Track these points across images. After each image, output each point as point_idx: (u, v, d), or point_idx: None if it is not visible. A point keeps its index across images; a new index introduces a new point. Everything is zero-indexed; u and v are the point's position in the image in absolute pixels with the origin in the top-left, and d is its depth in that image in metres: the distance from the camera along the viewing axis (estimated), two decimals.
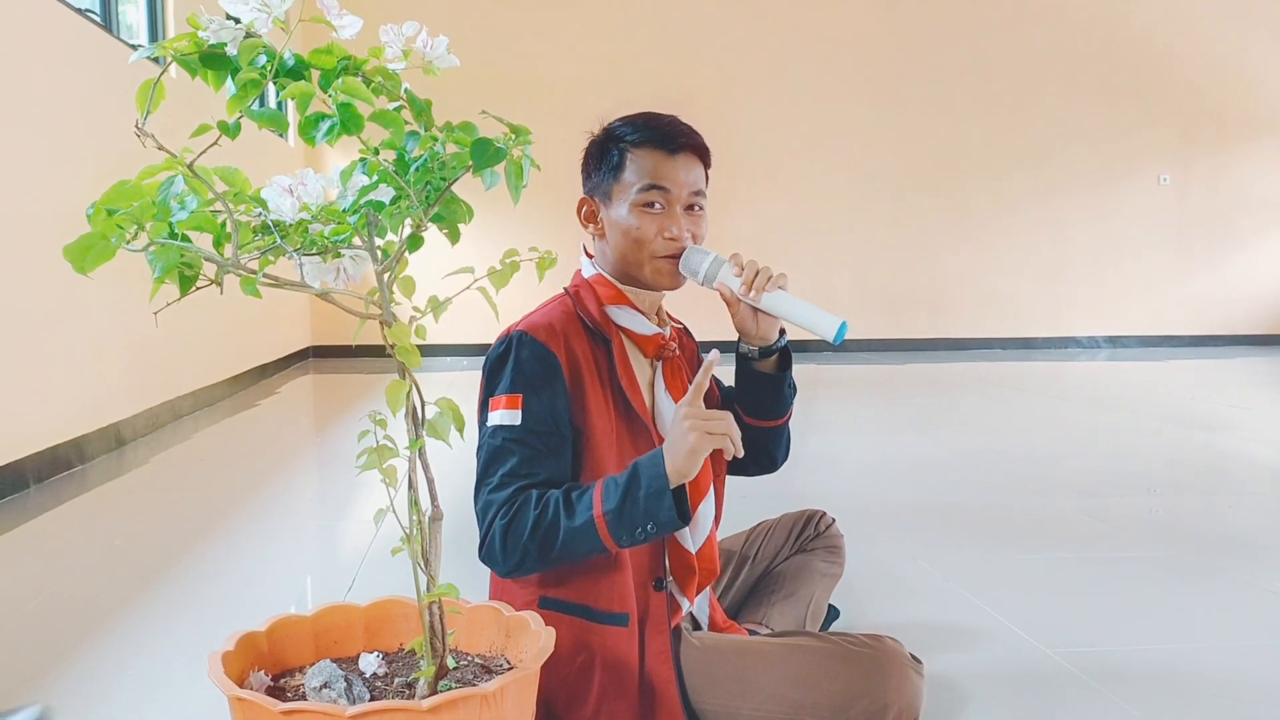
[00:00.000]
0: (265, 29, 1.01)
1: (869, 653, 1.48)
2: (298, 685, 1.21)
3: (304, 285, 1.09)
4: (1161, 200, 9.83)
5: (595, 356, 1.57)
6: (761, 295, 1.55)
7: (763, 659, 1.53)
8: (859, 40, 9.31)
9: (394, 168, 1.06)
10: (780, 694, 1.48)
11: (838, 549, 1.97)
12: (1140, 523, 3.18)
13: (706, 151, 1.63)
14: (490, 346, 1.57)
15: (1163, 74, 9.65)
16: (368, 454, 1.12)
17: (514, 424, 1.47)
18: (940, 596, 2.46)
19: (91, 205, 1.38)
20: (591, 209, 1.64)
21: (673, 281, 1.60)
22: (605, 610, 1.50)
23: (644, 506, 1.36)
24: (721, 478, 1.71)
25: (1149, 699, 1.85)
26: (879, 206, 9.47)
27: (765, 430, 1.72)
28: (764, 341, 1.64)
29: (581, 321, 1.59)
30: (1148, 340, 9.87)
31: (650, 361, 1.64)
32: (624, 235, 1.58)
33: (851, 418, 5.63)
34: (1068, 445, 4.79)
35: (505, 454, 1.46)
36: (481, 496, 1.48)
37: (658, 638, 1.53)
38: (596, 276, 1.63)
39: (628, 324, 1.61)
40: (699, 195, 1.60)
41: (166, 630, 2.25)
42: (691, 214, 1.60)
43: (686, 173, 1.58)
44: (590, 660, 1.49)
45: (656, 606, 1.55)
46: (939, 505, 3.44)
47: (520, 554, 1.42)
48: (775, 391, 1.68)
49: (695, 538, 1.58)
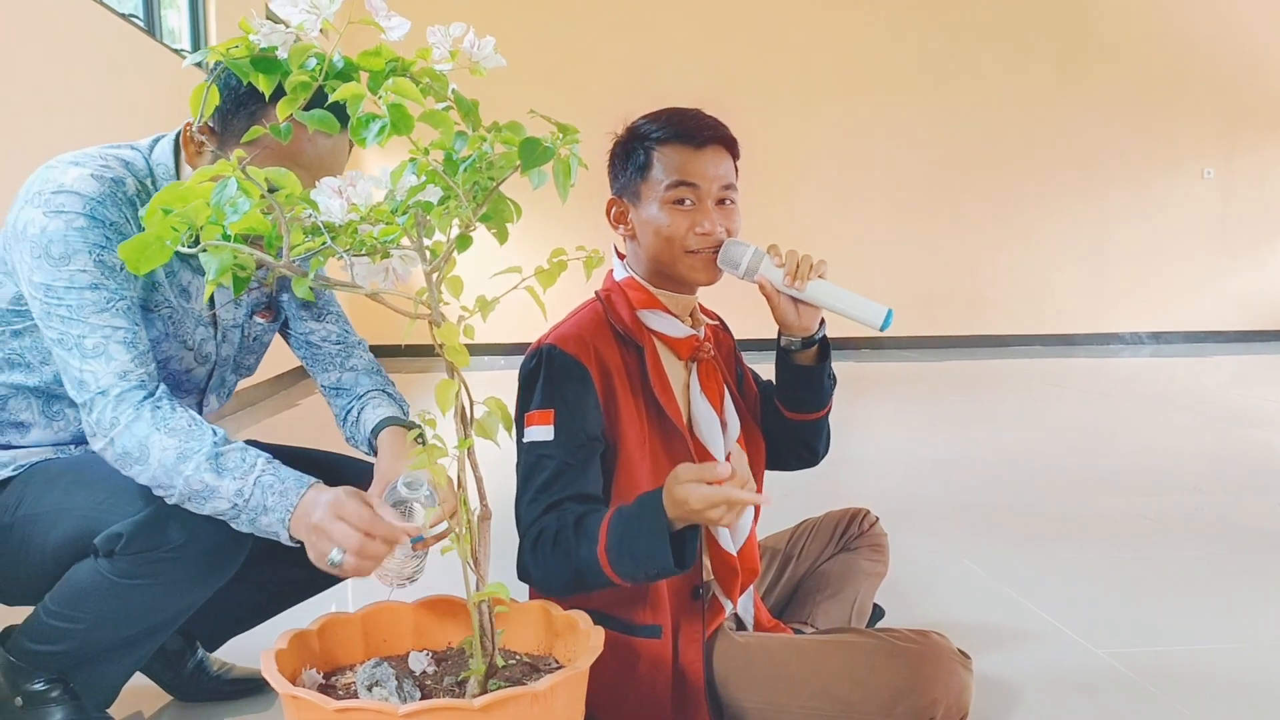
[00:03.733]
0: (314, 31, 1.02)
1: (916, 648, 1.46)
2: (349, 683, 1.22)
3: (354, 286, 1.10)
4: (1205, 194, 9.67)
5: (627, 364, 1.56)
6: (806, 285, 1.54)
7: (809, 655, 1.52)
8: (894, 33, 9.23)
9: (442, 168, 1.07)
10: (827, 690, 1.47)
11: (882, 548, 1.95)
12: (1188, 521, 3.13)
13: (734, 142, 1.61)
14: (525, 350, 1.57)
15: (1206, 66, 9.50)
16: (418, 453, 1.12)
17: (546, 439, 1.48)
18: (986, 596, 2.43)
19: (131, 209, 1.42)
20: (621, 210, 1.63)
21: (709, 276, 1.59)
22: (639, 623, 1.50)
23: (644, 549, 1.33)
24: (760, 474, 1.70)
25: (1204, 702, 1.82)
26: (916, 201, 9.40)
27: (805, 424, 1.70)
28: (805, 332, 1.61)
29: (612, 328, 1.58)
30: (1192, 336, 9.72)
31: (685, 364, 1.62)
32: (655, 234, 1.56)
33: (891, 416, 5.60)
34: (1111, 443, 4.72)
35: (539, 470, 1.48)
36: (519, 512, 1.50)
37: (690, 647, 1.53)
38: (628, 280, 1.61)
39: (660, 327, 1.60)
40: (729, 189, 1.58)
41: None
42: (723, 208, 1.58)
43: (715, 166, 1.56)
44: (622, 672, 1.49)
45: (692, 616, 1.54)
46: (982, 504, 3.40)
47: (542, 576, 1.44)
48: (816, 383, 1.66)
49: (736, 538, 1.57)
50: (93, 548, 1.38)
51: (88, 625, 1.42)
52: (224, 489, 1.31)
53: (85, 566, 1.40)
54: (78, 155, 1.44)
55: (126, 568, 1.35)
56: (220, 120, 1.40)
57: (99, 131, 4.02)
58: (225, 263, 1.03)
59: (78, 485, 1.41)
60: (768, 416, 1.74)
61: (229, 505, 1.32)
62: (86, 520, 1.38)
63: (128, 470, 1.34)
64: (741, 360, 1.80)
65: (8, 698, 1.48)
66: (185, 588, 1.40)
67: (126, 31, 4.46)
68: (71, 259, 1.36)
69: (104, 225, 1.38)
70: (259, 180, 1.01)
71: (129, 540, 1.35)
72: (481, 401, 1.14)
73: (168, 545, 1.35)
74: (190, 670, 1.80)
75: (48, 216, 1.36)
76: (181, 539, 1.35)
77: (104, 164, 1.43)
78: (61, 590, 1.43)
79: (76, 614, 1.42)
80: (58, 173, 1.40)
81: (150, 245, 1.02)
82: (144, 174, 1.47)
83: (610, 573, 1.36)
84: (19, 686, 1.47)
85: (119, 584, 1.37)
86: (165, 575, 1.37)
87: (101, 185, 1.40)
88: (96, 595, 1.39)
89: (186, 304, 1.53)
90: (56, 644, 1.45)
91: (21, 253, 1.38)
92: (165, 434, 1.32)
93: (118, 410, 1.33)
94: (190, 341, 1.56)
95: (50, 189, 1.38)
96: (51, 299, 1.36)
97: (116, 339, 1.36)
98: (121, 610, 1.40)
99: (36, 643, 1.46)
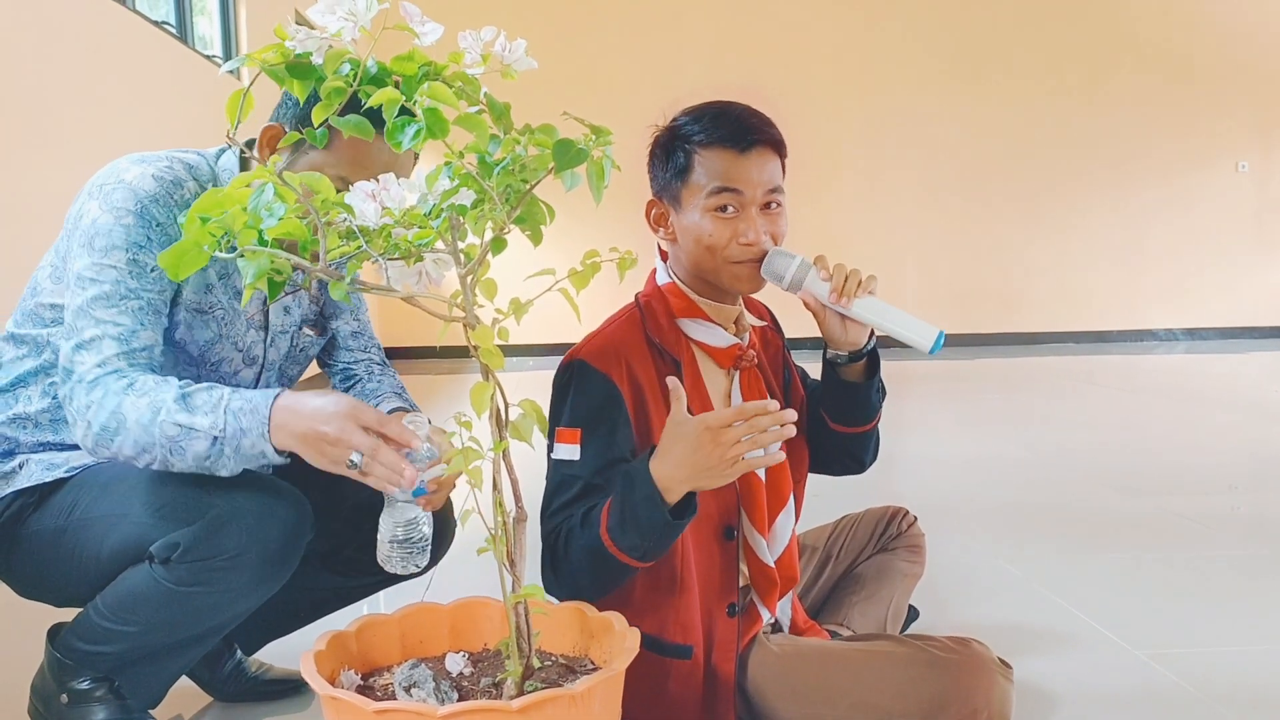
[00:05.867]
0: (351, 37, 1.02)
1: (956, 658, 1.44)
2: (386, 684, 1.23)
3: (389, 289, 1.10)
4: (1240, 188, 9.54)
5: (662, 377, 1.49)
6: (852, 303, 1.48)
7: (847, 665, 1.50)
8: (926, 29, 9.18)
9: (476, 171, 1.07)
10: (867, 702, 1.45)
11: (919, 548, 1.93)
12: (1226, 520, 3.09)
13: (782, 144, 1.53)
14: (561, 351, 1.56)
15: (1238, 58, 9.37)
16: (453, 455, 1.13)
17: (573, 459, 1.46)
18: (1023, 598, 2.41)
19: (185, 214, 1.44)
20: (661, 212, 1.57)
21: (753, 285, 1.52)
22: (671, 641, 1.48)
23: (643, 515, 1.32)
24: (802, 483, 1.67)
25: (1245, 704, 1.80)
26: (948, 198, 9.34)
27: (852, 436, 1.64)
28: (852, 347, 1.54)
29: (648, 339, 1.53)
30: (1227, 332, 9.59)
31: (726, 371, 1.58)
32: (696, 242, 1.50)
33: (924, 414, 5.56)
34: (1147, 441, 4.67)
35: (565, 487, 1.46)
36: (542, 528, 1.48)
37: (724, 665, 1.51)
38: (670, 285, 1.56)
39: (701, 337, 1.55)
40: (775, 192, 1.51)
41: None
42: (768, 213, 1.51)
43: (760, 170, 1.48)
44: (653, 698, 1.48)
45: (725, 633, 1.52)
46: (1018, 503, 3.37)
47: (567, 582, 1.42)
48: (863, 399, 1.59)
49: (774, 549, 1.56)
50: (148, 554, 1.39)
51: (139, 629, 1.43)
52: (199, 424, 1.30)
53: (140, 572, 1.41)
54: (145, 155, 1.49)
55: (183, 575, 1.36)
56: (297, 124, 1.43)
57: (132, 137, 4.07)
58: (262, 268, 1.04)
59: (134, 493, 1.42)
60: (813, 423, 1.68)
61: (209, 442, 1.31)
62: (142, 528, 1.39)
63: (112, 448, 1.33)
64: (790, 361, 1.74)
65: (54, 694, 1.49)
66: (238, 595, 1.41)
67: (159, 38, 4.51)
68: (109, 253, 1.39)
69: (149, 225, 1.41)
70: (295, 186, 1.02)
71: (186, 548, 1.35)
72: (516, 404, 1.14)
73: (224, 554, 1.35)
74: (229, 670, 1.81)
75: (102, 209, 1.41)
76: (237, 548, 1.36)
77: (168, 165, 1.47)
78: (114, 594, 1.44)
79: (129, 618, 1.43)
80: (122, 169, 1.45)
81: (188, 252, 1.04)
82: (207, 178, 1.51)
83: (616, 552, 1.34)
84: (65, 684, 1.48)
85: (174, 590, 1.38)
86: (220, 583, 1.37)
87: (159, 186, 1.43)
88: (151, 601, 1.40)
89: (238, 306, 1.56)
90: (106, 645, 1.46)
91: (73, 243, 1.43)
92: (135, 396, 1.32)
93: (90, 394, 1.34)
94: (240, 344, 1.58)
95: (111, 183, 1.43)
96: (78, 289, 1.39)
97: (112, 334, 1.37)
98: (174, 616, 1.41)
99: (86, 643, 1.48)
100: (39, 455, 1.51)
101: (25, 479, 1.48)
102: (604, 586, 1.42)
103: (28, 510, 1.48)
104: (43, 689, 1.52)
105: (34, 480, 1.48)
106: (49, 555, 1.47)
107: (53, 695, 1.50)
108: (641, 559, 1.36)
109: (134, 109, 4.15)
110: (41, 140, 3.46)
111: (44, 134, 3.49)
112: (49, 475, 1.49)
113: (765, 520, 1.55)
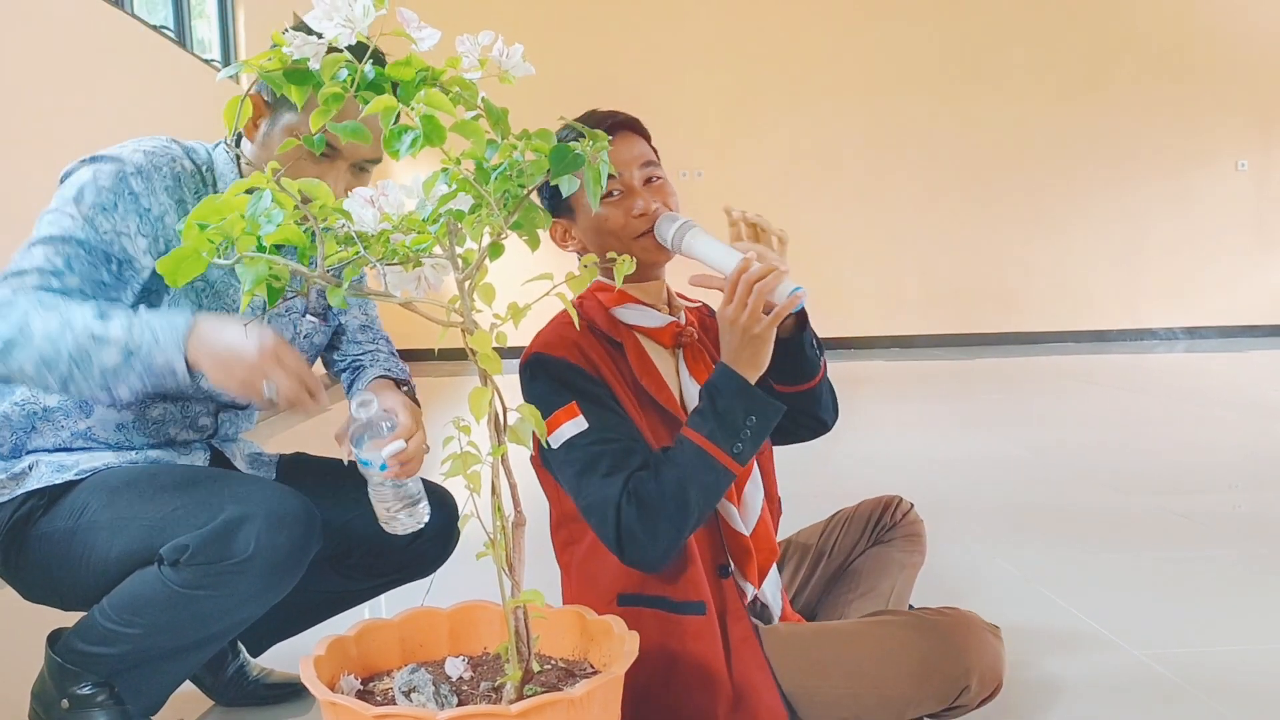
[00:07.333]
0: (348, 43, 1.02)
1: (945, 620, 1.47)
2: (386, 689, 1.23)
3: (387, 295, 1.11)
4: (1240, 186, 9.54)
5: (614, 362, 1.55)
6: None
7: (839, 637, 1.52)
8: (924, 29, 9.19)
9: (474, 176, 1.07)
10: (859, 670, 1.47)
11: (917, 536, 1.88)
12: (1225, 519, 3.09)
13: (637, 122, 1.61)
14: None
15: (1237, 56, 9.37)
16: (452, 460, 1.13)
17: (583, 429, 1.46)
18: (1022, 598, 2.41)
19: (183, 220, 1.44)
20: (564, 228, 1.63)
21: (664, 254, 1.57)
22: (682, 600, 1.49)
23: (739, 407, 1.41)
24: (768, 454, 1.68)
25: (1242, 703, 1.80)
26: (947, 198, 9.34)
27: (800, 395, 1.66)
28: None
29: (592, 330, 1.57)
30: (1227, 331, 9.59)
31: (670, 351, 1.62)
32: (599, 234, 1.57)
33: (922, 414, 5.56)
34: (1146, 440, 4.67)
35: (596, 459, 1.44)
36: (588, 502, 1.45)
37: (738, 625, 1.52)
38: (594, 283, 1.60)
39: (638, 320, 1.59)
40: (651, 165, 1.59)
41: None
42: (651, 186, 1.58)
43: (627, 150, 1.57)
44: (676, 656, 1.48)
45: (729, 594, 1.55)
46: (1016, 503, 3.38)
47: (665, 532, 1.41)
48: (796, 351, 1.62)
49: (746, 520, 1.57)
50: (157, 556, 1.40)
51: (143, 631, 1.43)
52: (113, 334, 1.30)
53: (148, 574, 1.41)
54: (146, 138, 1.54)
55: (190, 578, 1.37)
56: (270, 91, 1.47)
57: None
58: (260, 274, 1.04)
59: (143, 497, 1.43)
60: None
61: (119, 352, 1.30)
62: (151, 531, 1.40)
63: (11, 364, 1.32)
64: None
65: (54, 700, 1.50)
66: (245, 600, 1.42)
67: (157, 42, 4.51)
68: (73, 204, 1.43)
69: (122, 193, 1.45)
70: (293, 192, 1.02)
71: (195, 551, 1.36)
72: (515, 408, 1.15)
73: (233, 558, 1.36)
74: (230, 675, 1.82)
75: (88, 169, 1.46)
76: (247, 552, 1.36)
77: (165, 145, 1.52)
78: (121, 595, 1.44)
79: (134, 619, 1.43)
80: (120, 145, 1.50)
81: (187, 258, 1.04)
82: (205, 162, 1.56)
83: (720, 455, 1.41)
84: (66, 689, 1.49)
85: (181, 593, 1.38)
86: (227, 587, 1.38)
87: (147, 160, 1.48)
88: (157, 603, 1.40)
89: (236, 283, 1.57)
90: (109, 647, 1.46)
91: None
92: (44, 310, 1.33)
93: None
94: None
95: (107, 154, 1.48)
96: (35, 231, 1.42)
97: (40, 268, 1.39)
98: (180, 619, 1.42)
99: (89, 644, 1.48)
100: (49, 456, 1.52)
101: (35, 480, 1.49)
102: (704, 513, 1.44)
103: (37, 512, 1.48)
104: (43, 695, 1.52)
105: (44, 482, 1.49)
106: (58, 557, 1.47)
107: (53, 701, 1.50)
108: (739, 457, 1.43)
109: (132, 113, 4.16)
110: (40, 144, 3.46)
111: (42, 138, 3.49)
112: (59, 477, 1.49)
113: (735, 489, 1.56)
